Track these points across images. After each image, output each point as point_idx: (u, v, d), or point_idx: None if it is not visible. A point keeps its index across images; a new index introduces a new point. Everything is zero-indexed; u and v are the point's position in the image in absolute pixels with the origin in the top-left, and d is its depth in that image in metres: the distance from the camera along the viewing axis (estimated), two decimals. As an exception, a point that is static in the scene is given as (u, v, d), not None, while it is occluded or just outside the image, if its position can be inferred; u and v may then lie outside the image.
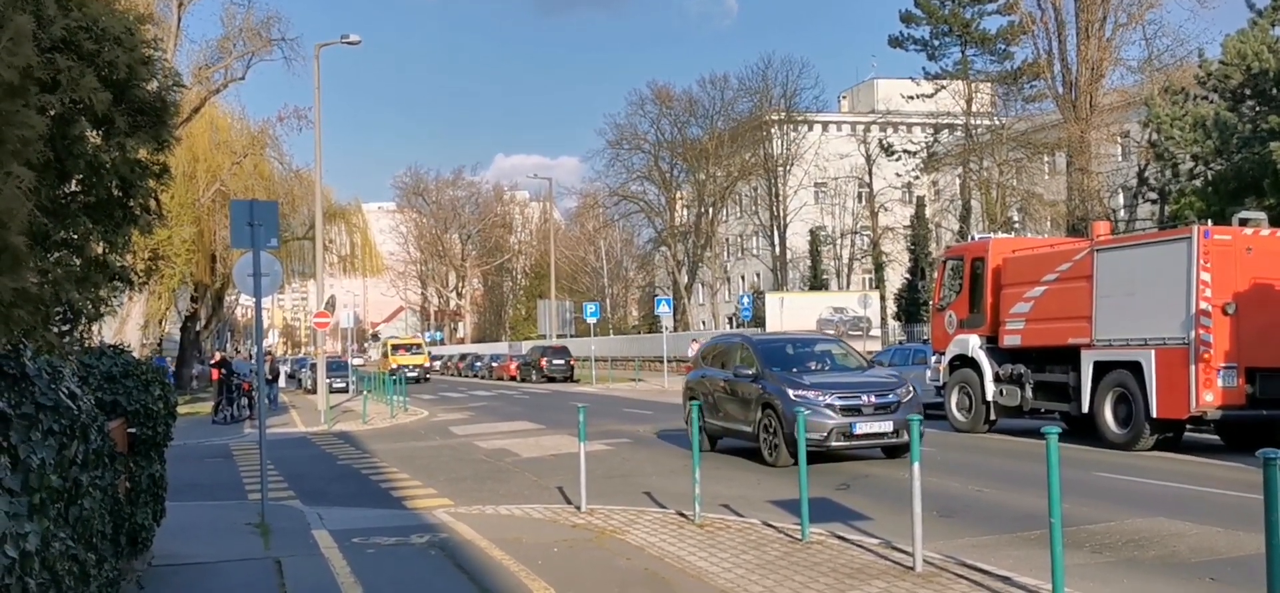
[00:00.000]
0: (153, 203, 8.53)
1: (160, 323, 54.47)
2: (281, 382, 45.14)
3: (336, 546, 10.09)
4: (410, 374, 54.82)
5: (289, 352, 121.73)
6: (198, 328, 55.33)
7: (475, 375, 66.07)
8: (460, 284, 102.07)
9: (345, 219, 58.08)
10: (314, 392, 39.11)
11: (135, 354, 10.28)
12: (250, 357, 60.14)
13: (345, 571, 8.90)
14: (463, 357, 75.57)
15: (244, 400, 30.93)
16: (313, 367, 44.74)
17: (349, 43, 33.41)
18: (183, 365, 50.00)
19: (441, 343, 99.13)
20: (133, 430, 8.43)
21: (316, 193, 35.01)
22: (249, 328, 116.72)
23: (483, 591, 8.24)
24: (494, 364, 64.02)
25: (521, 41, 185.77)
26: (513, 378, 57.73)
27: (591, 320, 53.89)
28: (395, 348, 62.58)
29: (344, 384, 42.77)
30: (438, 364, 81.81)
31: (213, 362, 41.84)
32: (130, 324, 34.77)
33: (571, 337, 64.94)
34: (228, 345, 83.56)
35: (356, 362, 63.53)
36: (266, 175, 47.14)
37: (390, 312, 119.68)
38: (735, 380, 16.79)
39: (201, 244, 43.66)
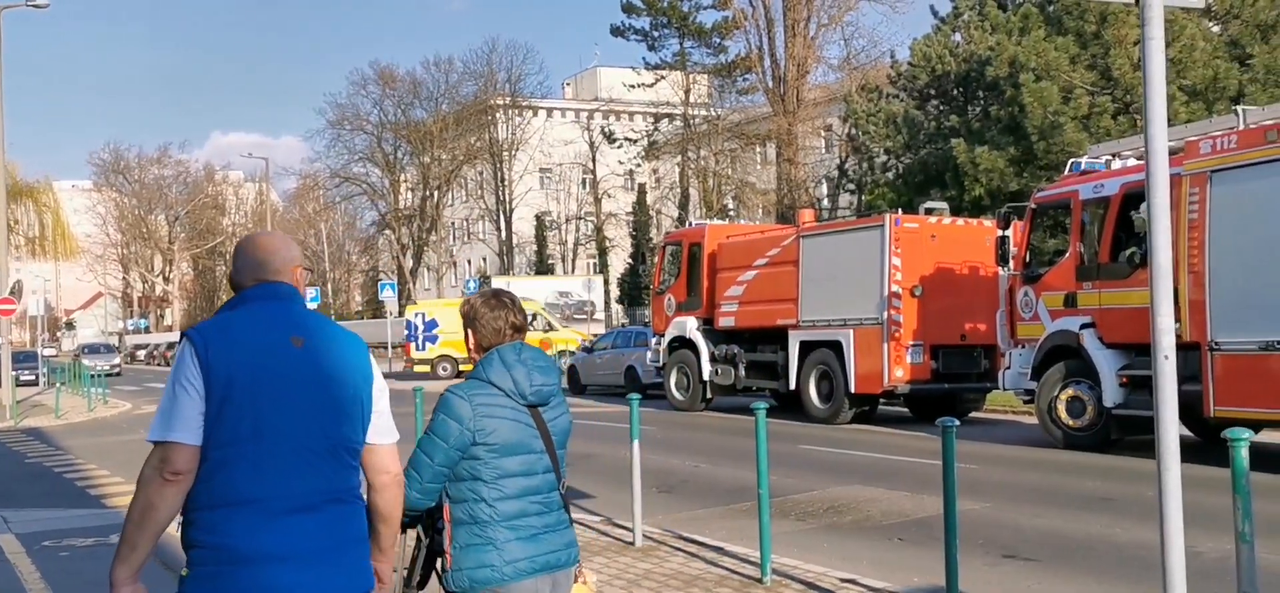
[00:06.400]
0: None
1: None
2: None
3: (25, 550, 9.32)
4: (578, 358, 30.42)
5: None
6: None
7: (184, 365, 62.24)
8: (167, 268, 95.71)
9: (33, 198, 53.07)
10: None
11: None
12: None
13: (35, 576, 8.24)
14: (170, 345, 71.01)
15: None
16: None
17: (36, 6, 30.64)
18: None
19: (146, 331, 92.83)
20: None
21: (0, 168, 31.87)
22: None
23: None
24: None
25: (240, 12, 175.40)
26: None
27: (313, 306, 51.95)
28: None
29: (33, 376, 39.20)
30: (141, 354, 76.58)
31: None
32: None
33: (290, 323, 62.14)
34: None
35: (49, 352, 58.24)
36: (-66, 147, 42.40)
37: (87, 298, 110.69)
38: None
39: None
